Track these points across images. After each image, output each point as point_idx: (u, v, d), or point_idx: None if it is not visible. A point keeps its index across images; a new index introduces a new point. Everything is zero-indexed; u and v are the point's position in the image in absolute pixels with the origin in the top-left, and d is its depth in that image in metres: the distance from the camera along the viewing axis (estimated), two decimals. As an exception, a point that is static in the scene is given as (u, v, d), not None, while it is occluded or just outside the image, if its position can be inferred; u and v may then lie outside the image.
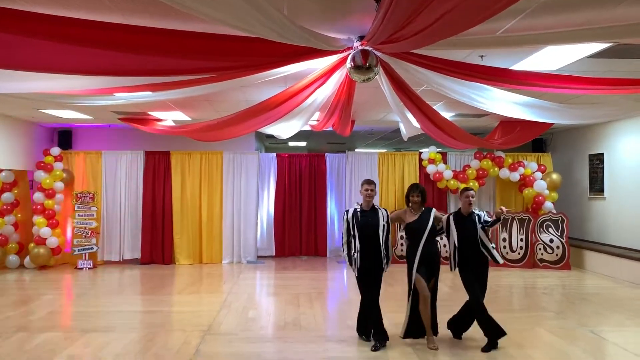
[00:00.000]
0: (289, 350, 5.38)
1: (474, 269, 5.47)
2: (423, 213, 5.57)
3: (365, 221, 5.45)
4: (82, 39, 3.57)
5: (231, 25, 3.52)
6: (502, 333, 5.34)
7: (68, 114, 9.55)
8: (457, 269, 5.52)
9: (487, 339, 5.36)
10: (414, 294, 5.47)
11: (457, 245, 5.49)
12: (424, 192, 5.66)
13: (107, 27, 3.70)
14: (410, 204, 5.60)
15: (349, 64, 4.60)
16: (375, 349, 5.32)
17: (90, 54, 3.83)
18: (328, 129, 9.28)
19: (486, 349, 5.30)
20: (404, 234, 5.98)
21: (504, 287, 8.84)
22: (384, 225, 5.46)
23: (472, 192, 5.57)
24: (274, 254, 12.02)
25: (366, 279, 5.47)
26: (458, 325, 5.73)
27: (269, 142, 16.13)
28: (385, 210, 5.63)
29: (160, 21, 4.34)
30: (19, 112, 9.54)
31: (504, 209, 5.43)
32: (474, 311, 5.45)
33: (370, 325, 5.51)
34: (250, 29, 3.59)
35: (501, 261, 5.73)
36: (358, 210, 5.53)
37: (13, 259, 10.49)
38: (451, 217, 5.61)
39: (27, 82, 4.89)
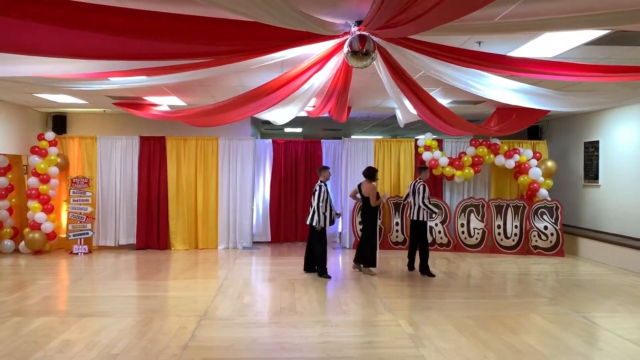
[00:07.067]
0: (284, 335, 5.40)
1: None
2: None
3: None
4: (77, 22, 3.52)
5: (228, 8, 3.48)
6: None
7: (63, 99, 9.47)
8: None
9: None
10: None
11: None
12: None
13: (101, 10, 3.64)
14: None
15: (346, 49, 4.57)
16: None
17: (85, 37, 3.78)
18: (324, 115, 9.25)
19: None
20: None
21: (498, 273, 8.89)
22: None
23: None
24: (269, 239, 12.03)
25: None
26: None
27: (264, 128, 16.08)
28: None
29: (155, 4, 4.28)
30: (14, 96, 9.45)
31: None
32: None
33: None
34: (247, 13, 3.55)
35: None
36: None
37: (8, 243, 10.47)
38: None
39: (21, 66, 4.83)
